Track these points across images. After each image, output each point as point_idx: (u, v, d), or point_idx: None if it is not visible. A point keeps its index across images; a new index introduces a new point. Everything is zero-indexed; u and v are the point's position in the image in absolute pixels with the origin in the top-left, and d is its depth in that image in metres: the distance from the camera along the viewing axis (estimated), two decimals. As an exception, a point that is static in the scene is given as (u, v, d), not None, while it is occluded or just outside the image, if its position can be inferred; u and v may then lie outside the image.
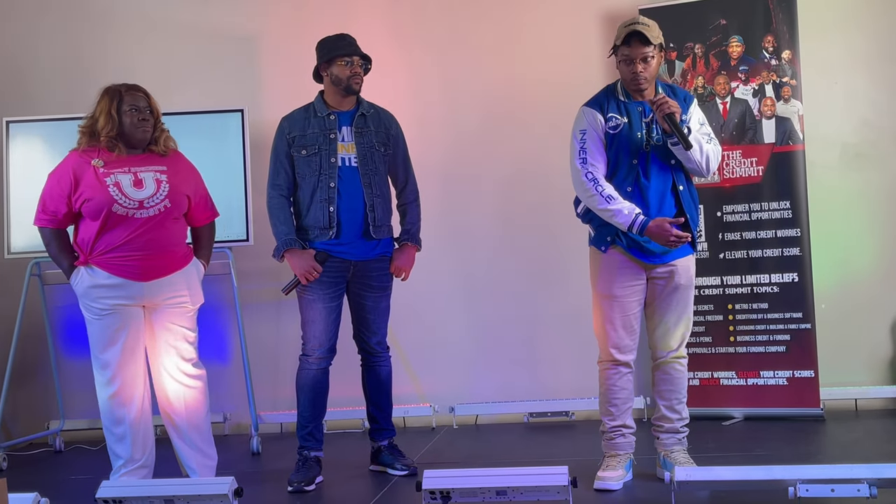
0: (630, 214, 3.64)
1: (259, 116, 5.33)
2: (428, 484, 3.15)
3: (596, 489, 3.72)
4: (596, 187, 3.70)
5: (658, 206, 3.72)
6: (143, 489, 3.33)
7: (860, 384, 5.23)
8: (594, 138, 3.76)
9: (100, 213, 3.80)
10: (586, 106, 3.83)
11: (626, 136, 3.74)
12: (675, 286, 3.78)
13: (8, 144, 5.27)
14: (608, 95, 3.83)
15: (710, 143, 3.77)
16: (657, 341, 3.85)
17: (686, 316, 3.83)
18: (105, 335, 3.87)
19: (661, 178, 3.75)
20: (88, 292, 3.87)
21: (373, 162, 4.20)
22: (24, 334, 5.24)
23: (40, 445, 5.55)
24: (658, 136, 3.73)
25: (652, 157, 3.74)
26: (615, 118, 3.76)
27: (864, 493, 3.04)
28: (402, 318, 5.17)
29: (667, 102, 3.63)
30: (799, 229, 5.02)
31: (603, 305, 3.83)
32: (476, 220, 5.63)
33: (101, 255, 3.84)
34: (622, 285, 3.78)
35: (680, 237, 3.63)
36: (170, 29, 5.81)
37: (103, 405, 3.91)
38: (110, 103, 3.90)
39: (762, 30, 5.11)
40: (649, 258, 3.75)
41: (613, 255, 3.78)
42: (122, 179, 3.85)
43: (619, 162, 3.75)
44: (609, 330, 3.81)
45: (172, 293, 3.93)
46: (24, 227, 5.17)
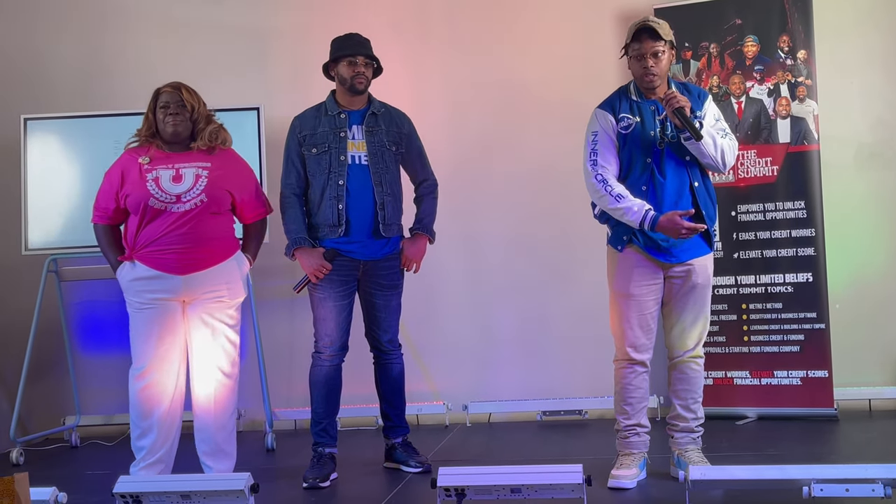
0: (640, 211, 3.66)
1: (275, 114, 5.34)
2: (443, 481, 3.16)
3: (610, 487, 3.73)
4: (605, 188, 3.72)
5: (674, 203, 3.73)
6: (160, 484, 3.35)
7: (874, 384, 5.21)
8: (605, 140, 3.78)
9: (138, 207, 3.91)
10: (598, 108, 3.86)
11: (639, 135, 3.76)
12: (692, 285, 3.79)
13: (26, 141, 5.30)
14: (620, 96, 3.86)
15: (726, 138, 3.78)
16: (674, 340, 3.86)
17: (703, 315, 3.84)
18: (143, 329, 3.93)
19: (676, 176, 3.76)
20: (130, 286, 3.95)
21: (383, 161, 4.21)
22: (40, 330, 5.26)
23: (56, 441, 5.59)
24: (672, 133, 3.74)
25: (666, 154, 3.75)
26: (627, 118, 3.78)
27: (878, 493, 3.04)
28: (415, 316, 5.18)
29: (675, 97, 3.65)
30: (813, 229, 5.01)
31: (620, 304, 3.83)
32: (489, 219, 5.64)
33: (142, 249, 3.93)
34: (639, 284, 3.78)
35: (692, 229, 3.63)
36: (187, 27, 5.84)
37: (133, 398, 3.94)
38: (150, 104, 4.06)
39: (777, 29, 5.11)
40: (666, 257, 3.75)
41: (630, 254, 3.79)
42: (163, 175, 3.94)
43: (633, 161, 3.77)
44: (626, 329, 3.82)
45: (211, 287, 3.97)
46: (41, 224, 5.22)
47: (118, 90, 5.69)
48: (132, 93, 5.34)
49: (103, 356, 5.61)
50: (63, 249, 5.24)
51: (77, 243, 5.18)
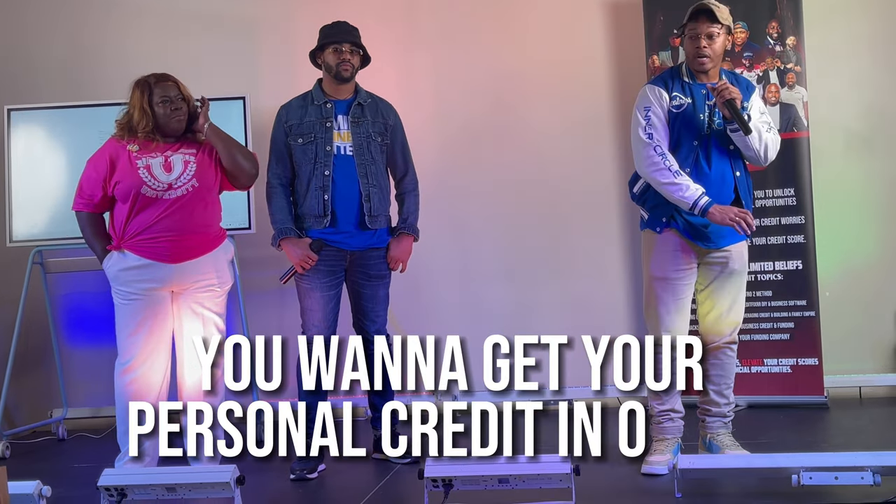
0: (695, 192, 3.60)
1: (261, 104, 5.31)
2: (430, 472, 3.14)
3: (643, 473, 3.69)
4: (665, 161, 3.65)
5: (717, 190, 3.67)
6: (145, 477, 3.32)
7: (864, 372, 5.22)
8: (659, 115, 3.72)
9: (129, 195, 3.86)
10: (651, 83, 3.82)
11: (690, 116, 3.71)
12: (729, 271, 3.76)
13: (9, 132, 5.25)
14: (674, 75, 3.81)
15: (770, 133, 3.75)
16: (710, 326, 3.83)
17: (739, 302, 3.81)
18: (130, 322, 3.90)
19: (720, 163, 3.72)
20: (119, 276, 3.91)
21: (369, 151, 4.18)
22: (26, 323, 5.23)
23: (43, 434, 5.54)
24: (719, 122, 3.70)
25: (713, 141, 3.71)
26: (679, 97, 3.74)
27: (867, 480, 3.04)
28: (404, 306, 5.15)
29: (727, 88, 3.61)
30: (803, 216, 4.99)
31: (656, 288, 3.78)
32: (478, 207, 5.60)
33: (132, 239, 3.89)
34: (676, 268, 3.74)
35: (743, 217, 3.56)
36: (171, 16, 5.78)
37: (119, 392, 3.91)
38: (142, 97, 3.96)
39: (766, 16, 5.08)
40: (704, 242, 3.72)
41: (669, 236, 3.75)
42: (153, 163, 3.91)
43: (680, 142, 3.72)
44: (663, 313, 3.76)
45: (201, 276, 3.96)
46: (26, 215, 5.17)
47: (102, 80, 5.62)
48: (116, 82, 5.23)
49: (90, 348, 5.57)
50: (48, 241, 5.20)
51: (62, 234, 5.12)
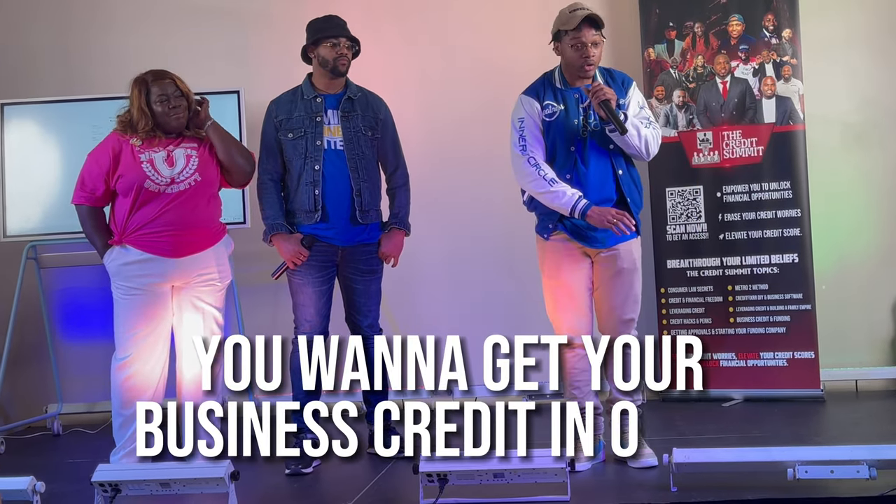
0: (572, 197, 3.64)
1: (255, 98, 5.28)
2: (425, 467, 3.14)
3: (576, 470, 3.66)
4: (538, 171, 3.70)
5: (598, 191, 3.70)
6: (140, 472, 3.31)
7: (860, 365, 5.22)
8: (532, 126, 3.77)
9: (131, 189, 3.85)
10: (523, 94, 3.84)
11: (563, 123, 3.74)
12: (618, 270, 3.76)
13: (3, 127, 5.23)
14: (545, 83, 3.84)
15: (650, 128, 3.76)
16: (605, 324, 3.84)
17: (631, 298, 3.80)
18: (129, 317, 3.89)
19: (599, 164, 3.74)
20: (120, 270, 3.90)
21: (359, 146, 4.16)
22: (20, 318, 5.21)
23: (38, 429, 5.53)
24: (595, 123, 3.72)
25: (590, 143, 3.73)
26: (551, 105, 3.76)
27: (863, 474, 3.03)
28: (400, 306, 5.14)
29: (602, 89, 3.63)
30: (799, 210, 4.99)
31: (553, 290, 3.84)
32: (467, 200, 5.59)
33: (134, 233, 3.89)
34: (569, 270, 3.78)
35: (621, 219, 3.58)
36: (165, 9, 5.76)
37: (115, 387, 3.91)
38: (139, 96, 3.93)
39: (762, 8, 5.07)
40: (591, 243, 3.75)
41: (557, 240, 3.79)
42: (156, 157, 3.90)
43: (556, 149, 3.75)
44: (561, 314, 3.82)
45: (202, 270, 3.96)
46: (20, 210, 5.15)
47: (96, 74, 5.60)
48: (110, 77, 5.27)
49: (85, 343, 5.55)
50: (42, 236, 5.18)
51: (57, 229, 5.10)
